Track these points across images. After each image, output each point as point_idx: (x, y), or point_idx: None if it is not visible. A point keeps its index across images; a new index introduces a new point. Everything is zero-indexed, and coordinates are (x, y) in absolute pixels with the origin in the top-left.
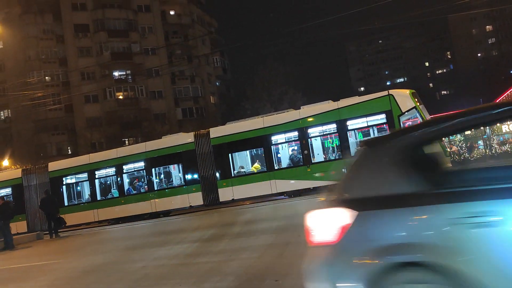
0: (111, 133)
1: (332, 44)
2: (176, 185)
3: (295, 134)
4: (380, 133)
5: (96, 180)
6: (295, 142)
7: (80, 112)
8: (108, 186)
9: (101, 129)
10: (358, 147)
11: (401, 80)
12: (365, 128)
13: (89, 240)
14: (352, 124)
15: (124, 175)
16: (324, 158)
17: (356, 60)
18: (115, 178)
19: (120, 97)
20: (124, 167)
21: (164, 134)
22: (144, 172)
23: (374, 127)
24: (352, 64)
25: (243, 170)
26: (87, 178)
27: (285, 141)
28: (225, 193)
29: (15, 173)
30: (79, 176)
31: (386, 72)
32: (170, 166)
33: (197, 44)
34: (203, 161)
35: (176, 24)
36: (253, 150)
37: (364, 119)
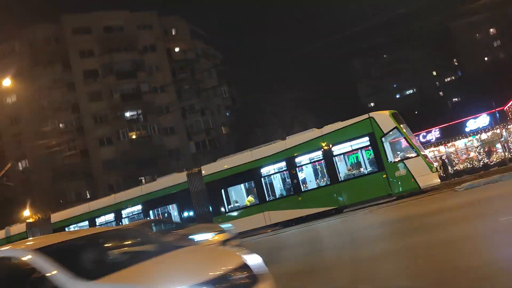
0: (128, 173)
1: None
2: (173, 227)
3: (283, 164)
4: (366, 155)
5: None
6: (284, 172)
7: (96, 155)
8: None
9: (117, 171)
10: (347, 171)
11: (410, 91)
12: (351, 152)
13: None
14: (337, 149)
15: (123, 220)
16: (314, 186)
17: (363, 76)
18: (114, 225)
19: (134, 137)
20: (123, 211)
21: (179, 169)
22: (142, 215)
23: (359, 150)
24: (359, 80)
25: (237, 204)
26: (88, 227)
27: (274, 172)
28: None
29: (21, 227)
30: (80, 224)
31: (395, 86)
32: (167, 206)
33: (204, 78)
34: (197, 198)
35: (181, 60)
36: (245, 183)
37: (349, 143)
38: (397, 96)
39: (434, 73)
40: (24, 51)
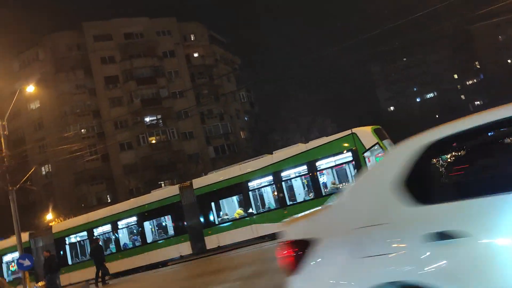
0: (148, 177)
1: (357, 66)
2: (166, 236)
3: (270, 178)
4: (349, 170)
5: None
6: (270, 186)
7: (117, 160)
8: (107, 242)
9: (137, 175)
10: (331, 185)
11: (431, 95)
12: (334, 166)
13: (141, 286)
14: (321, 164)
15: (121, 231)
16: (299, 199)
17: (382, 80)
18: (111, 235)
19: (153, 141)
20: (119, 223)
21: (199, 174)
22: (137, 227)
23: (342, 165)
24: (378, 84)
25: (226, 217)
26: (87, 237)
27: (261, 185)
28: (211, 241)
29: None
30: (81, 234)
31: (415, 89)
32: (161, 219)
33: (222, 83)
34: (189, 211)
35: (200, 65)
36: (233, 197)
37: (332, 158)
38: (417, 99)
39: (455, 76)
40: (47, 58)
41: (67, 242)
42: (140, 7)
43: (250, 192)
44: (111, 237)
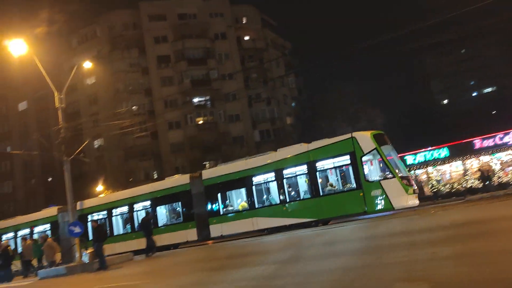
0: (194, 157)
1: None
2: (175, 221)
3: (272, 174)
4: (346, 173)
5: (114, 218)
6: (272, 182)
7: (165, 138)
8: (124, 222)
9: (184, 154)
10: (328, 186)
11: (489, 89)
12: (333, 168)
13: (175, 261)
14: (320, 165)
15: (135, 213)
16: (297, 197)
17: (436, 71)
18: (128, 216)
19: (200, 122)
20: (135, 205)
21: (243, 157)
22: (150, 210)
23: (340, 167)
24: (432, 76)
25: (230, 208)
26: (106, 216)
27: (263, 181)
28: (215, 230)
29: (51, 211)
30: (99, 213)
31: (472, 83)
32: (172, 205)
33: (271, 67)
34: (197, 200)
35: (251, 48)
36: (238, 189)
37: (332, 160)
38: (474, 93)
39: None
40: (104, 35)
41: (89, 219)
42: None
43: (254, 187)
44: (129, 218)
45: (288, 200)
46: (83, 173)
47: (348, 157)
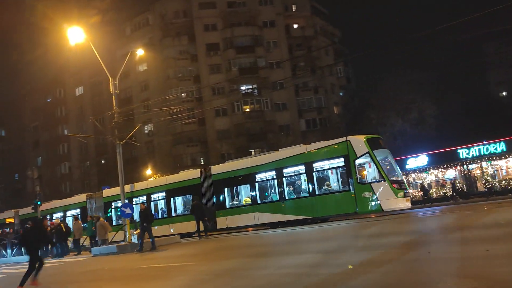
0: (239, 144)
1: (467, 46)
2: (186, 213)
3: (273, 173)
4: (340, 174)
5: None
6: (273, 180)
7: (211, 125)
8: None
9: (230, 141)
10: (324, 186)
11: None
12: (328, 169)
13: (220, 245)
14: (317, 166)
15: (154, 203)
16: (294, 195)
17: (495, 62)
18: (161, 203)
19: (247, 110)
20: (153, 196)
21: (288, 145)
22: (165, 203)
23: (335, 169)
24: (490, 67)
25: (235, 202)
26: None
27: (265, 179)
28: (221, 222)
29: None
30: (118, 201)
31: None
32: (184, 197)
33: (320, 55)
34: (206, 193)
35: (299, 36)
36: (242, 185)
37: (327, 162)
38: None
39: None
40: (155, 23)
41: (113, 206)
42: None
43: (256, 184)
44: (163, 204)
45: (286, 198)
46: (133, 157)
47: (342, 159)
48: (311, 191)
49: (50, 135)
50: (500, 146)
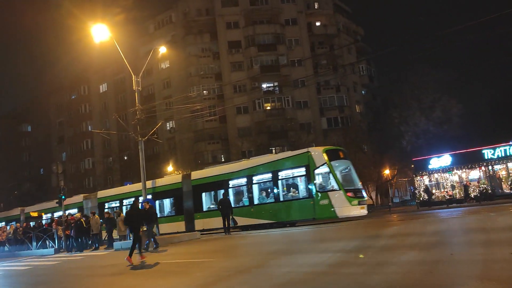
0: (260, 142)
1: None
2: (170, 215)
3: (243, 180)
4: (301, 183)
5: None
6: (243, 186)
7: (232, 122)
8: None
9: (251, 139)
10: (289, 193)
11: None
12: (291, 178)
13: (240, 243)
14: (281, 174)
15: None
16: (261, 201)
17: None
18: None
19: (268, 108)
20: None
21: (309, 144)
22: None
23: (297, 178)
24: None
25: (212, 206)
26: (118, 204)
27: (236, 185)
28: (198, 224)
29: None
30: (112, 202)
31: None
32: (167, 200)
33: (342, 53)
34: (186, 197)
35: (321, 34)
36: (216, 191)
37: (291, 171)
38: None
39: None
40: (178, 21)
41: (106, 206)
42: None
43: (230, 189)
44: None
45: (254, 203)
46: (155, 153)
47: (304, 169)
48: (275, 198)
49: (74, 131)
50: None
